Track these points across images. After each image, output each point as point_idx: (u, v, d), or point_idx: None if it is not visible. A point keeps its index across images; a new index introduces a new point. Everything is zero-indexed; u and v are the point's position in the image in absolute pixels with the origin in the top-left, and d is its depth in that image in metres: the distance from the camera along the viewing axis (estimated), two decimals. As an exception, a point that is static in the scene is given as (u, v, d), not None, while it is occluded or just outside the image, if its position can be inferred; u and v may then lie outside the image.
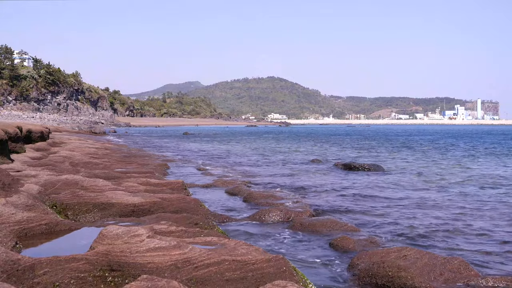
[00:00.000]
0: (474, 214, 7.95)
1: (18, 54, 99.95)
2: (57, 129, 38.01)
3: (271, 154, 23.04)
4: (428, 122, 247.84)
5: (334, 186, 11.20)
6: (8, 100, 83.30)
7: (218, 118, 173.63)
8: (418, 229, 6.87)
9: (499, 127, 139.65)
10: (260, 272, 3.60)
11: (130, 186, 7.87)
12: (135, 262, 3.47)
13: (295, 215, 6.93)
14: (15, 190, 5.42)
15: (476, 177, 13.30)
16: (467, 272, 3.86)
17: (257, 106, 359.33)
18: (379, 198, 9.67)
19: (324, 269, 5.02)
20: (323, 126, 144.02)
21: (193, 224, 5.53)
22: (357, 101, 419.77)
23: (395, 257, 4.22)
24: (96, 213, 6.05)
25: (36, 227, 4.57)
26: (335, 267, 4.97)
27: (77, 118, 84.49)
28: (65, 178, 7.51)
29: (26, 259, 3.29)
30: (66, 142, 20.83)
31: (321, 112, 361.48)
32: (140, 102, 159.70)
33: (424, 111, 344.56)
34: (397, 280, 3.81)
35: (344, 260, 5.02)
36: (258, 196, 8.59)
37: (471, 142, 37.57)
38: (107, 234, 3.74)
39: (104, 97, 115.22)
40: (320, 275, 4.84)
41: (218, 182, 11.27)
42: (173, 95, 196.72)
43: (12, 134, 11.59)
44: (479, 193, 10.38)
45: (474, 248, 5.80)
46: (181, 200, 6.76)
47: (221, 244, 4.04)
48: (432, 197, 9.68)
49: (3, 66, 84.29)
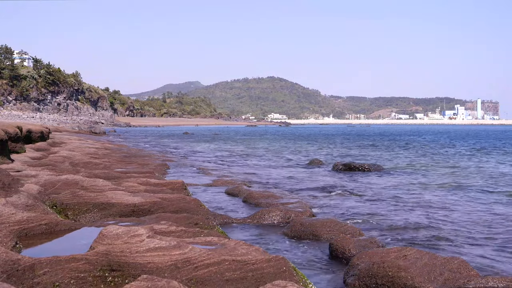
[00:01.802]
0: (476, 214, 7.95)
1: (18, 54, 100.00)
2: (57, 129, 38.01)
3: (271, 155, 23.04)
4: (428, 122, 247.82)
5: (334, 186, 11.19)
6: (8, 100, 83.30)
7: (218, 118, 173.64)
8: (418, 229, 6.87)
9: (499, 127, 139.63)
10: (260, 272, 3.60)
11: (130, 186, 7.87)
12: (135, 262, 3.47)
13: (295, 215, 6.93)
14: (15, 190, 5.42)
15: (482, 176, 13.30)
16: (467, 272, 3.86)
17: (257, 106, 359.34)
18: (379, 198, 9.67)
19: (324, 269, 5.02)
20: (323, 126, 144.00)
21: (193, 224, 5.52)
22: (357, 101, 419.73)
23: (395, 257, 4.22)
24: (96, 213, 6.04)
25: (36, 227, 4.57)
26: (335, 267, 4.97)
27: (77, 118, 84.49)
28: (65, 178, 7.51)
29: (26, 259, 3.29)
30: (66, 142, 20.83)
31: (321, 112, 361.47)
32: (140, 102, 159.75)
33: (424, 111, 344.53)
34: (397, 280, 3.81)
35: (344, 260, 5.02)
36: (258, 196, 8.59)
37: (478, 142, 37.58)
38: (107, 234, 3.74)
39: (104, 97, 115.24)
40: (320, 275, 4.84)
41: (218, 182, 11.27)
42: (173, 95, 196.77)
43: (12, 134, 11.59)
44: (483, 192, 10.38)
45: (474, 248, 5.80)
46: (181, 200, 6.76)
47: (221, 244, 4.04)
48: (432, 197, 9.68)
49: (3, 66, 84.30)
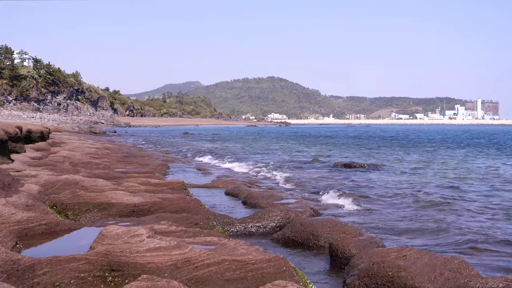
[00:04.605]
0: (481, 212, 7.94)
1: (18, 54, 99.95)
2: (57, 129, 38.00)
3: (271, 154, 23.04)
4: (428, 122, 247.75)
5: (334, 185, 11.19)
6: (8, 100, 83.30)
7: (218, 118, 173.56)
8: (419, 228, 6.87)
9: (499, 127, 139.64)
10: (260, 272, 3.60)
11: (130, 186, 7.86)
12: (135, 262, 3.47)
13: (295, 215, 6.92)
14: (15, 190, 5.42)
15: (483, 175, 13.30)
16: (467, 272, 3.86)
17: (257, 106, 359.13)
18: (379, 197, 9.67)
19: (324, 269, 5.02)
20: (323, 126, 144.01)
21: (193, 224, 5.53)
22: (357, 101, 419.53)
23: (395, 257, 4.22)
24: (96, 213, 6.04)
25: (36, 227, 4.57)
26: (335, 268, 4.97)
27: (77, 118, 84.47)
28: (65, 178, 7.51)
29: (26, 259, 3.29)
30: (66, 142, 20.83)
31: (321, 112, 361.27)
32: (140, 102, 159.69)
33: (424, 111, 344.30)
34: (397, 280, 3.81)
35: (344, 260, 5.01)
36: (258, 196, 8.58)
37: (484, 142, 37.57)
38: (107, 234, 3.74)
39: (104, 97, 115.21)
40: (320, 275, 4.84)
41: (218, 182, 11.27)
42: (173, 95, 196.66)
43: (12, 134, 11.59)
44: (486, 192, 10.38)
45: (475, 248, 5.80)
46: (181, 200, 6.76)
47: (221, 244, 4.03)
48: (432, 196, 9.67)
49: (3, 66, 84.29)
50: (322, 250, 5.60)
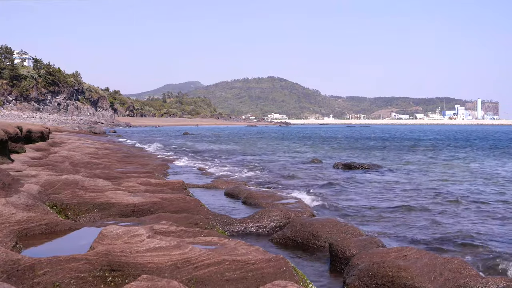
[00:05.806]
0: (481, 213, 7.95)
1: (18, 54, 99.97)
2: (57, 129, 38.00)
3: (271, 155, 23.04)
4: (428, 122, 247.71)
5: (334, 186, 11.20)
6: (8, 100, 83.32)
7: (218, 118, 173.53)
8: (418, 228, 6.87)
9: (499, 127, 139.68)
10: (260, 272, 3.60)
11: (130, 186, 7.87)
12: (135, 262, 3.47)
13: (295, 215, 6.93)
14: (15, 190, 5.41)
15: (483, 176, 13.30)
16: (467, 272, 3.86)
17: (257, 106, 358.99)
18: (379, 197, 9.67)
19: (324, 269, 5.02)
20: (323, 126, 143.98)
21: (193, 224, 5.53)
22: (357, 101, 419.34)
23: (395, 257, 4.22)
24: (96, 213, 6.04)
25: (36, 227, 4.57)
26: (335, 268, 4.97)
27: (77, 118, 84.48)
28: (65, 178, 7.52)
29: (26, 259, 3.29)
30: (66, 142, 20.83)
31: (321, 112, 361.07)
32: (140, 102, 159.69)
33: (424, 111, 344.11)
34: (397, 280, 3.81)
35: (344, 260, 5.01)
36: (258, 196, 8.59)
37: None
38: (107, 234, 3.75)
39: (104, 97, 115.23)
40: (320, 275, 4.85)
41: (218, 182, 11.27)
42: (173, 95, 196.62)
43: (12, 134, 11.59)
44: (486, 192, 10.38)
45: (475, 247, 5.80)
46: (181, 200, 6.76)
47: (221, 244, 4.04)
48: (432, 196, 9.67)
49: (3, 66, 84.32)
50: (322, 250, 5.60)
